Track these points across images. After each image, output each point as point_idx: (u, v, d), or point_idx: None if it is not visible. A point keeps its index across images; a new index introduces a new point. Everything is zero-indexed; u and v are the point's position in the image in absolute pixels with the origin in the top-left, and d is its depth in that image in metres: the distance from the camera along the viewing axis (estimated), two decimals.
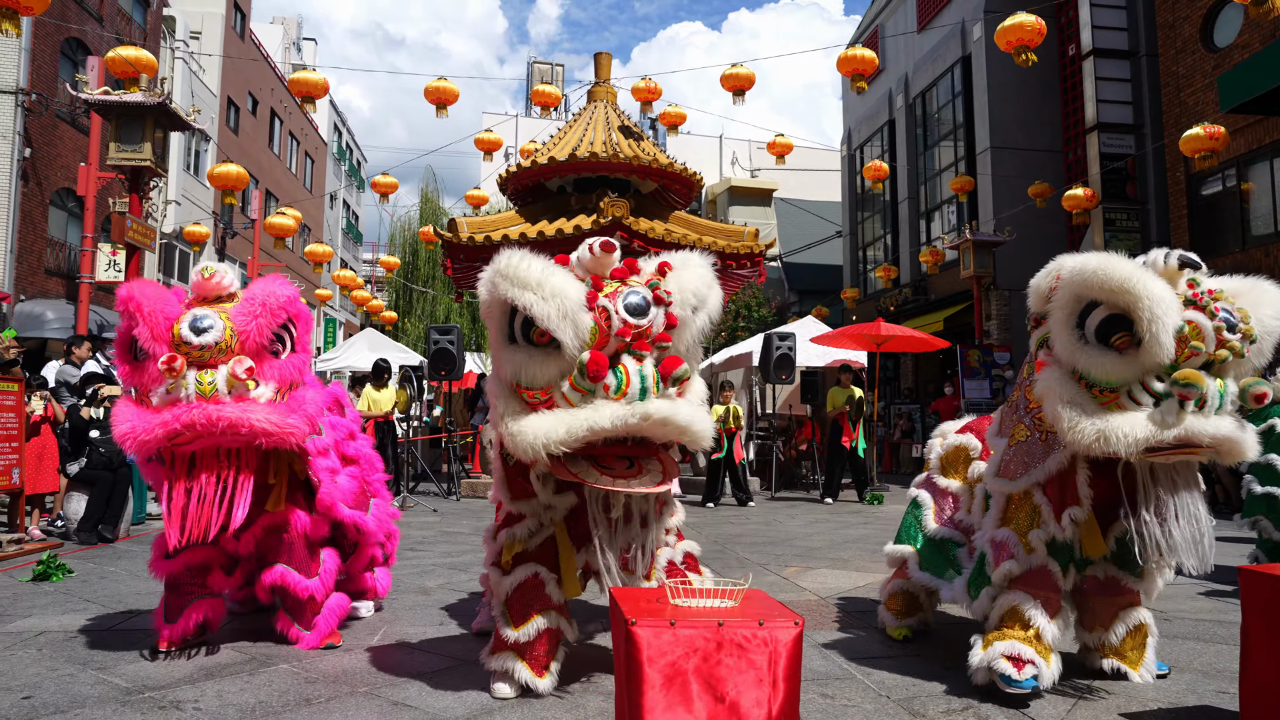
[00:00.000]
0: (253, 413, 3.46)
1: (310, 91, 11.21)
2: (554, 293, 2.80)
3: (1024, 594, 3.21)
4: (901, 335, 13.11)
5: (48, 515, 7.81)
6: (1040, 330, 3.29)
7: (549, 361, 2.85)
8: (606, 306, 2.87)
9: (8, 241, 15.59)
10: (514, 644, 3.15)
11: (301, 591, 3.79)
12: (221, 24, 25.90)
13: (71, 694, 3.17)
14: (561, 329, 2.78)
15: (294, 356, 3.74)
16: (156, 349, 3.48)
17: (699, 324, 3.07)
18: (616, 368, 2.86)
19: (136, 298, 3.53)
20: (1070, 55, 17.21)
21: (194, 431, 3.40)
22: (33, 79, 15.99)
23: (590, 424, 2.80)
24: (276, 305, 3.67)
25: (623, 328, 2.87)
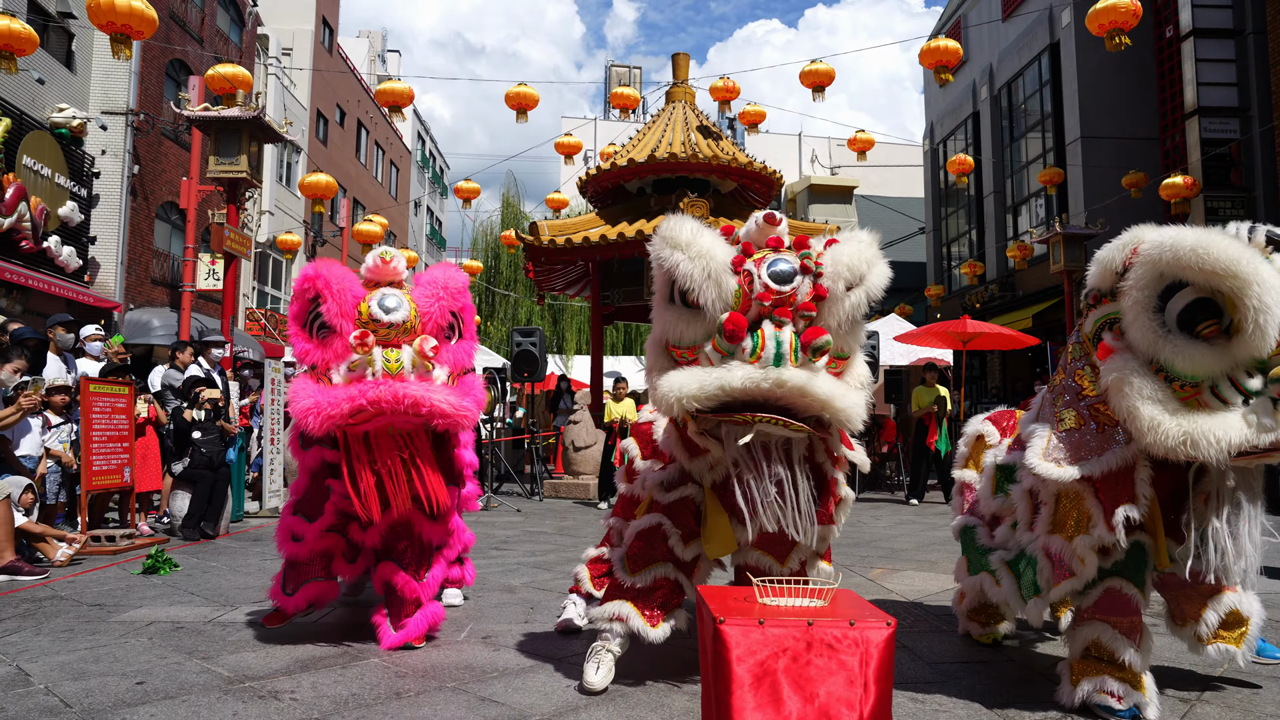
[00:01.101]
0: (434, 392, 3.52)
1: (396, 101, 11.51)
2: (699, 254, 2.83)
3: (1103, 624, 2.96)
4: (989, 332, 12.74)
5: (155, 512, 8.19)
6: (1102, 310, 2.96)
7: (696, 322, 2.90)
8: (751, 271, 2.87)
9: (119, 253, 16.43)
10: (629, 589, 3.22)
11: (409, 592, 3.86)
12: (311, 40, 26.82)
13: (179, 681, 3.32)
14: (704, 289, 2.83)
15: (464, 343, 3.86)
16: (343, 325, 3.58)
17: (854, 300, 2.93)
18: (755, 331, 2.84)
19: (325, 275, 3.64)
20: (1168, 37, 16.46)
21: (378, 408, 3.46)
22: (140, 100, 16.83)
23: (722, 382, 2.79)
24: (456, 289, 3.81)
25: (763, 292, 2.84)
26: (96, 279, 16.05)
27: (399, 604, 3.89)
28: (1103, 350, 2.88)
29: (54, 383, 7.05)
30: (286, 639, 3.95)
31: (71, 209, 15.06)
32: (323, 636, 4.02)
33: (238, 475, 8.53)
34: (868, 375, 3.13)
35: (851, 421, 2.89)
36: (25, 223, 13.64)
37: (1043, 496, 3.11)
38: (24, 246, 13.73)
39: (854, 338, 3.04)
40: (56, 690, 3.20)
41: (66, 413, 7.06)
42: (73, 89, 15.73)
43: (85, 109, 15.87)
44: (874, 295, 2.96)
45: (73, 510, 7.09)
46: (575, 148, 15.94)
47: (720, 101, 14.38)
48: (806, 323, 2.89)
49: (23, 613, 4.49)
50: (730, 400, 2.82)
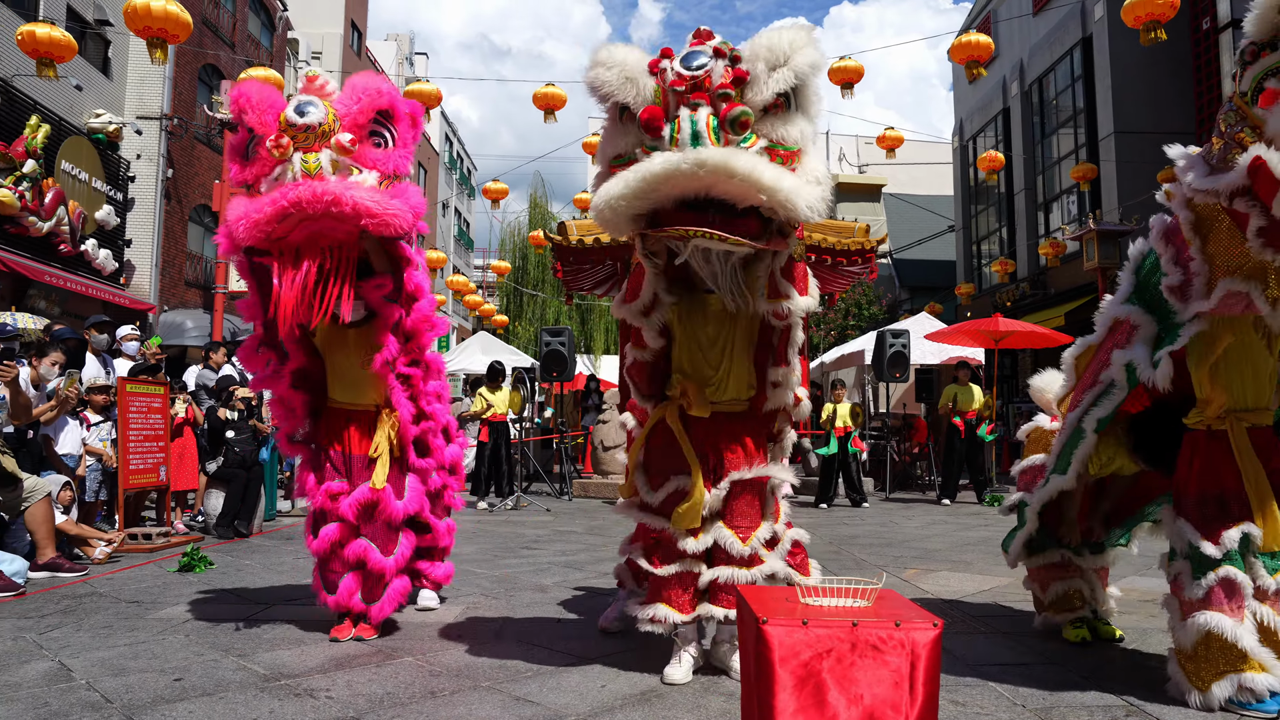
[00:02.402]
0: (355, 190, 3.47)
1: (424, 102, 11.55)
2: (615, 62, 2.93)
3: (1215, 614, 2.89)
4: (1022, 330, 12.57)
5: (190, 511, 8.29)
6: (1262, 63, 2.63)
7: (627, 134, 2.96)
8: (664, 66, 2.91)
9: (153, 255, 16.68)
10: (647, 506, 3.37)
11: (377, 568, 3.93)
12: (340, 43, 27.09)
13: (216, 678, 3.34)
14: (623, 91, 2.90)
15: (395, 150, 3.81)
16: (265, 133, 3.61)
17: (778, 79, 2.85)
18: (670, 120, 2.82)
19: (245, 92, 3.69)
20: (1205, 29, 16.16)
21: (300, 209, 3.42)
22: (174, 105, 17.09)
23: (643, 172, 2.74)
24: (375, 91, 3.77)
25: (675, 79, 2.85)
26: (132, 281, 16.29)
27: (370, 580, 3.96)
28: (1267, 98, 2.56)
29: (94, 382, 7.16)
30: (321, 637, 3.97)
31: (108, 213, 15.30)
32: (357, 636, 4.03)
33: (270, 474, 8.60)
34: (823, 171, 3.01)
35: (795, 208, 2.76)
36: (64, 226, 13.88)
37: None
38: (62, 250, 13.97)
39: (792, 126, 2.93)
40: (97, 686, 3.23)
41: (105, 412, 7.16)
42: (109, 95, 15.98)
43: (121, 114, 16.12)
44: (803, 76, 2.88)
45: (112, 508, 7.19)
46: None
47: None
48: (726, 103, 2.83)
49: (64, 609, 4.55)
50: (655, 191, 2.75)
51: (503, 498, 10.57)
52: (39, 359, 6.27)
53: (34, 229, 13.18)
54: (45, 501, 5.53)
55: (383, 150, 3.76)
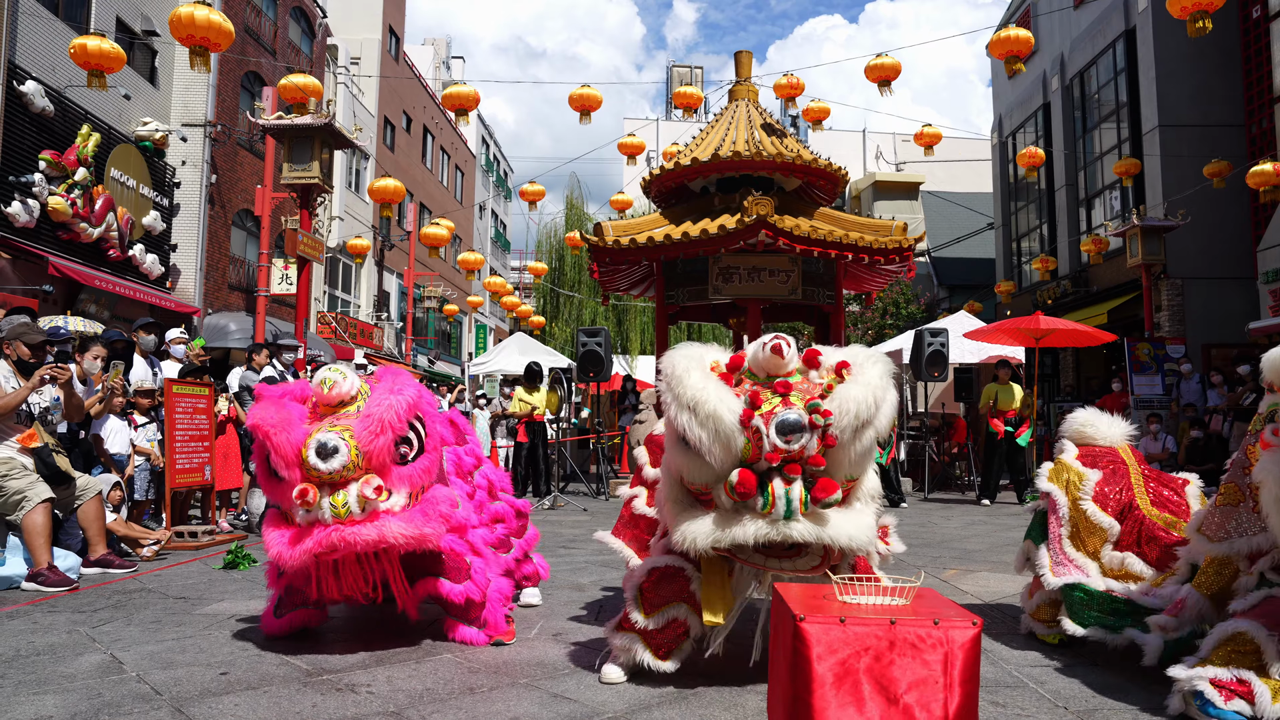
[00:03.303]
0: (388, 527, 3.53)
1: (463, 104, 11.68)
2: (708, 416, 2.87)
3: (1256, 624, 2.83)
4: (1064, 329, 12.35)
5: (234, 509, 8.45)
6: (1271, 398, 2.97)
7: (708, 465, 2.95)
8: (759, 429, 2.87)
9: (198, 260, 17.03)
10: (640, 629, 3.25)
11: (458, 598, 3.86)
12: (378, 49, 27.42)
13: (260, 673, 3.41)
14: (713, 452, 2.88)
15: (423, 458, 3.76)
16: (290, 474, 3.60)
17: (864, 441, 2.96)
18: (765, 488, 2.87)
19: (263, 426, 3.66)
20: (1254, 18, 15.78)
21: (337, 553, 3.56)
22: (218, 112, 17.43)
23: (734, 539, 2.92)
24: (397, 418, 3.68)
25: (772, 452, 2.87)
26: (177, 285, 16.65)
27: (458, 610, 3.92)
28: (1263, 442, 2.90)
29: (141, 385, 7.33)
30: (363, 635, 4.03)
31: (155, 218, 15.66)
32: (397, 632, 4.09)
33: None
34: (877, 487, 3.20)
35: (863, 550, 3.02)
36: (113, 232, 14.23)
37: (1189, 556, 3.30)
38: (111, 255, 14.33)
39: (865, 463, 3.08)
40: (147, 678, 3.31)
41: (152, 414, 7.33)
42: (155, 103, 16.35)
43: (167, 122, 16.49)
44: (882, 432, 2.98)
45: (159, 507, 7.35)
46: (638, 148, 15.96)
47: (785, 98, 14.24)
48: (815, 476, 2.91)
49: (114, 604, 4.67)
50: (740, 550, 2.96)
51: (539, 497, 10.64)
52: (81, 355, 6.44)
53: (84, 235, 13.53)
54: (97, 499, 5.67)
55: (408, 465, 3.72)
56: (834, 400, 2.91)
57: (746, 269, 11.49)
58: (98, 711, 2.94)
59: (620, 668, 3.33)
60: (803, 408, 2.89)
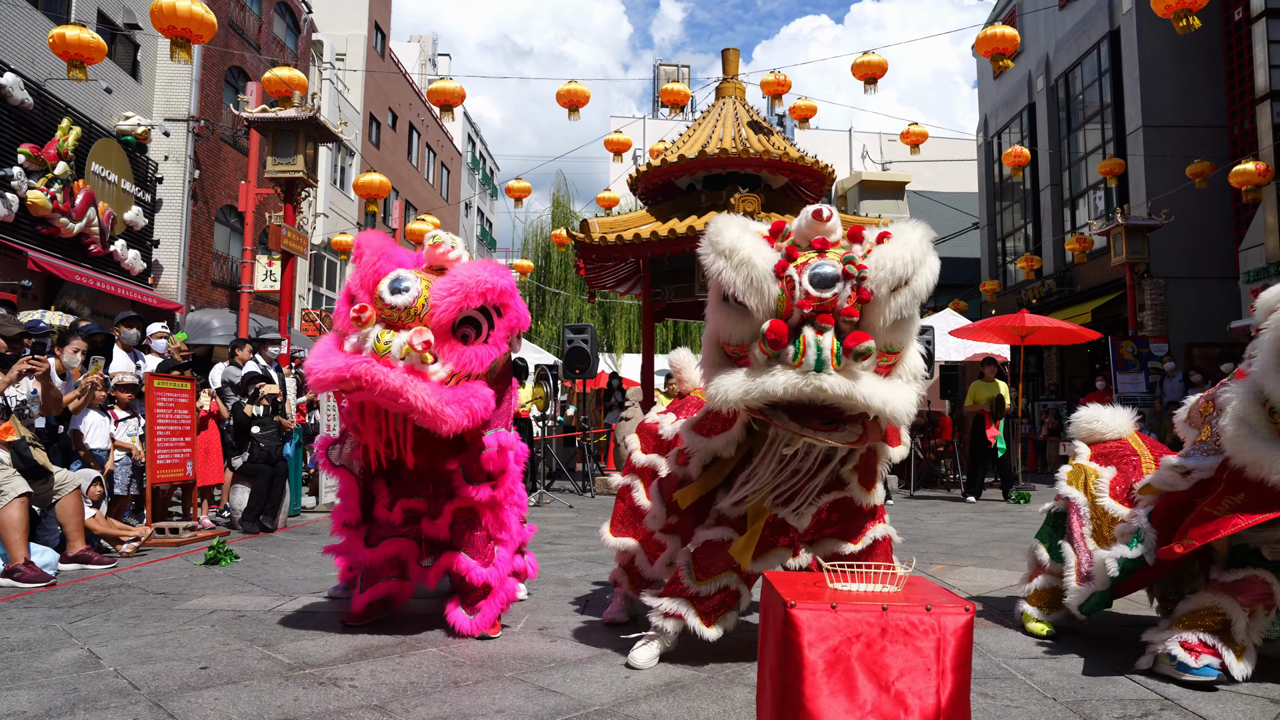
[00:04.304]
0: (414, 387, 3.40)
1: (448, 100, 11.61)
2: (741, 262, 2.85)
3: (1229, 597, 3.11)
4: (1049, 327, 12.41)
5: (216, 506, 8.36)
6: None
7: (745, 322, 2.94)
8: (792, 277, 2.85)
9: (180, 256, 16.86)
10: (692, 594, 3.38)
11: (477, 579, 3.82)
12: (364, 45, 27.24)
13: (241, 667, 3.35)
14: (747, 296, 2.86)
15: (481, 347, 3.65)
16: (360, 296, 3.64)
17: (900, 302, 2.86)
18: (796, 337, 2.83)
19: (361, 245, 3.70)
20: (1236, 19, 15.90)
21: (355, 384, 3.46)
22: (201, 107, 17.26)
23: (764, 389, 2.84)
24: (476, 290, 3.59)
25: (804, 300, 2.84)
26: (159, 281, 16.48)
27: (471, 592, 3.88)
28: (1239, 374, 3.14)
29: (121, 379, 7.24)
30: (345, 628, 3.98)
31: (136, 213, 15.48)
32: (381, 626, 4.04)
33: (295, 470, 8.66)
34: (921, 367, 3.09)
35: (899, 419, 2.89)
36: (93, 227, 14.06)
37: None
38: (92, 250, 14.16)
39: (904, 333, 2.97)
40: (125, 673, 3.25)
41: (132, 408, 7.24)
42: (138, 98, 16.17)
43: (149, 117, 16.31)
44: (920, 295, 2.88)
45: (141, 502, 7.26)
46: (625, 145, 15.92)
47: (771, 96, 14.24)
48: (850, 327, 2.85)
49: (93, 599, 4.59)
50: (772, 403, 2.88)
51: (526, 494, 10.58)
52: (61, 348, 6.34)
53: (65, 230, 13.36)
54: (75, 495, 5.59)
55: (465, 345, 3.63)
56: (870, 256, 2.87)
57: None
58: (73, 706, 2.88)
59: (652, 649, 3.38)
60: (838, 260, 2.87)
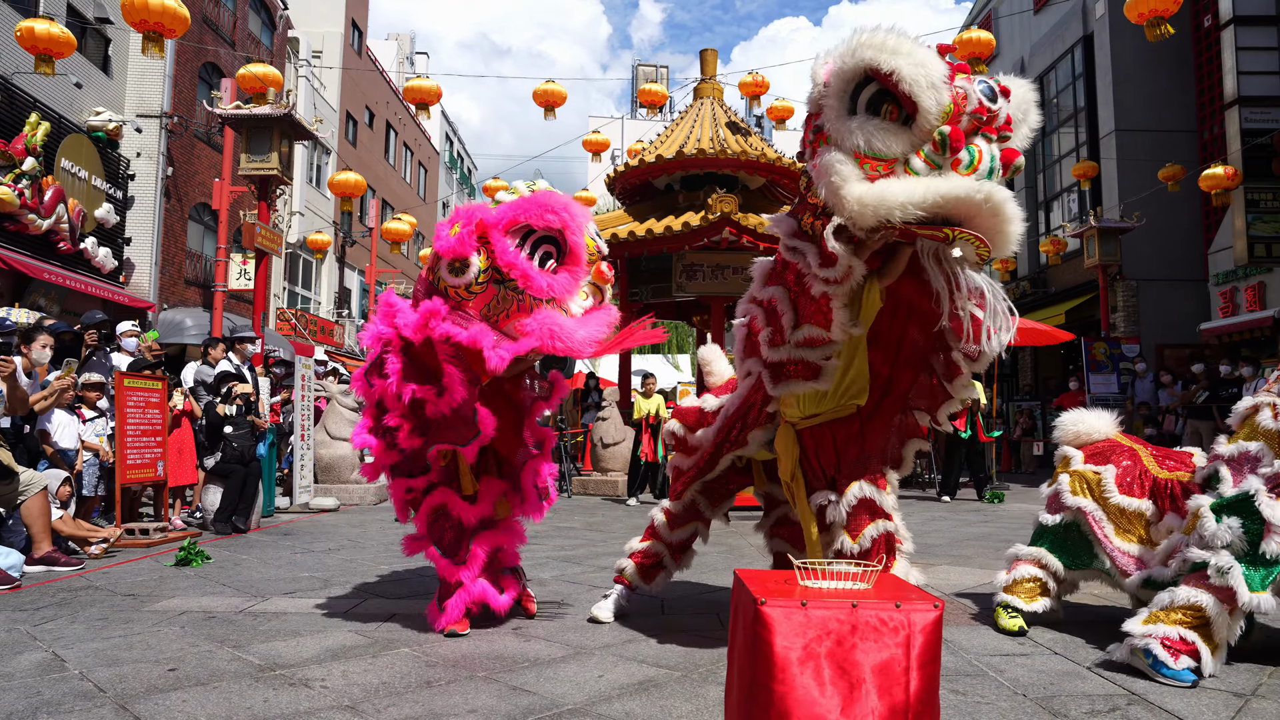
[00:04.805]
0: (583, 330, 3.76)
1: (424, 99, 11.55)
2: (921, 61, 2.81)
3: (1212, 596, 3.14)
4: (1023, 328, 12.51)
5: (188, 506, 8.26)
6: None
7: (900, 135, 2.89)
8: (964, 88, 2.88)
9: (153, 254, 16.65)
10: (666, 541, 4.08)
11: (449, 574, 3.90)
12: (340, 43, 27.05)
13: (211, 669, 3.31)
14: (926, 96, 2.80)
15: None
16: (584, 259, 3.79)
17: (1023, 136, 3.12)
18: (970, 146, 2.90)
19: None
20: (1206, 26, 16.13)
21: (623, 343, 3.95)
22: (174, 103, 17.05)
23: (941, 191, 2.82)
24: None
25: (979, 108, 2.89)
26: (131, 279, 16.27)
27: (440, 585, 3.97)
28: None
29: (88, 378, 7.13)
30: (317, 629, 3.94)
31: (107, 211, 15.27)
32: (353, 626, 4.01)
33: (269, 470, 8.58)
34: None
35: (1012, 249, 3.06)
36: (63, 224, 13.85)
37: None
38: (61, 247, 13.95)
39: None
40: (90, 676, 3.20)
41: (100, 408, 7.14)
42: (109, 93, 15.95)
43: (121, 113, 16.10)
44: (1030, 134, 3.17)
45: (110, 503, 7.16)
46: (603, 145, 15.91)
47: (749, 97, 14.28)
48: (1004, 142, 3.00)
49: (59, 601, 4.52)
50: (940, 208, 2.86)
51: None
52: (27, 345, 6.23)
53: (33, 227, 13.15)
54: (42, 495, 5.50)
55: None
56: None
57: (710, 267, 11.50)
58: (35, 710, 2.84)
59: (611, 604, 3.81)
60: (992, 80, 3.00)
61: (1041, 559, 4.02)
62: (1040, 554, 4.03)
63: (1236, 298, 15.25)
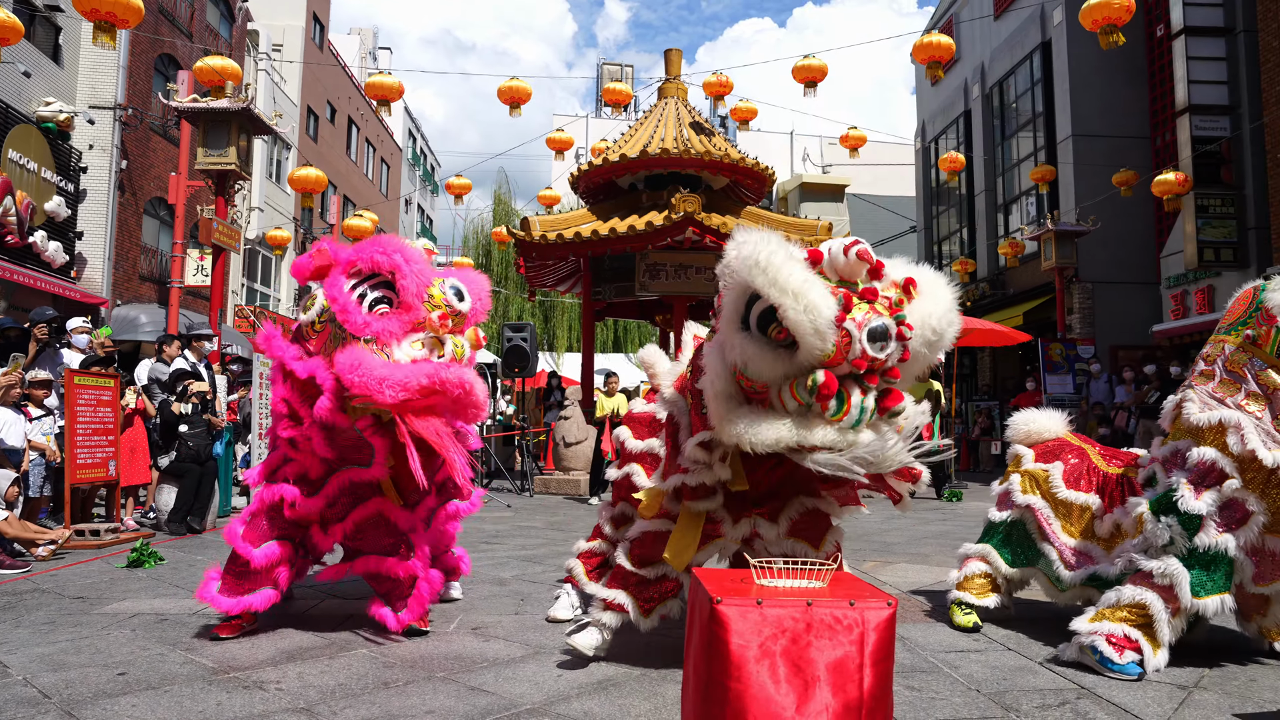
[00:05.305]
0: (479, 385, 3.63)
1: (386, 95, 11.43)
2: (810, 307, 2.71)
3: (1156, 595, 3.23)
4: (982, 329, 12.72)
5: (141, 507, 8.10)
6: None
7: (778, 362, 2.82)
8: (851, 332, 2.76)
9: (106, 249, 16.28)
10: (633, 580, 3.39)
11: (402, 571, 3.82)
12: (301, 36, 26.66)
13: (162, 672, 3.25)
14: (809, 344, 2.73)
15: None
16: (417, 305, 3.63)
17: (930, 360, 2.99)
18: (840, 393, 2.78)
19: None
20: (1159, 36, 16.50)
21: (445, 391, 3.52)
22: (129, 94, 16.68)
23: (801, 440, 2.83)
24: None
25: (859, 358, 2.77)
26: (83, 275, 15.90)
27: (394, 585, 3.85)
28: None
29: (35, 375, 6.96)
30: (273, 631, 3.89)
31: (58, 204, 14.90)
32: (310, 628, 3.96)
33: (225, 469, 8.43)
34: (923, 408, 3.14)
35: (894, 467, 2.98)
36: (10, 217, 13.50)
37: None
38: (9, 241, 13.59)
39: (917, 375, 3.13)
40: (35, 681, 3.13)
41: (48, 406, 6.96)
42: (60, 83, 15.58)
43: (72, 103, 15.72)
44: (945, 350, 3.05)
45: (58, 504, 6.99)
46: (567, 144, 15.87)
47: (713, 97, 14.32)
48: (888, 386, 2.86)
49: (3, 605, 4.41)
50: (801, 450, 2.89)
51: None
52: None
53: None
54: None
55: None
56: (913, 314, 2.86)
57: (673, 266, 11.52)
58: None
59: (595, 632, 3.35)
60: (889, 318, 2.82)
61: (987, 556, 4.08)
62: (986, 551, 4.09)
63: (1187, 300, 15.62)
